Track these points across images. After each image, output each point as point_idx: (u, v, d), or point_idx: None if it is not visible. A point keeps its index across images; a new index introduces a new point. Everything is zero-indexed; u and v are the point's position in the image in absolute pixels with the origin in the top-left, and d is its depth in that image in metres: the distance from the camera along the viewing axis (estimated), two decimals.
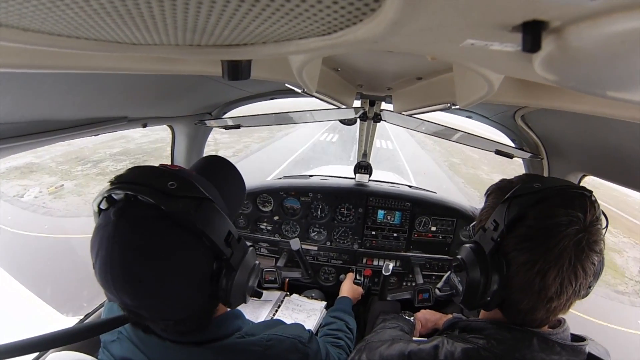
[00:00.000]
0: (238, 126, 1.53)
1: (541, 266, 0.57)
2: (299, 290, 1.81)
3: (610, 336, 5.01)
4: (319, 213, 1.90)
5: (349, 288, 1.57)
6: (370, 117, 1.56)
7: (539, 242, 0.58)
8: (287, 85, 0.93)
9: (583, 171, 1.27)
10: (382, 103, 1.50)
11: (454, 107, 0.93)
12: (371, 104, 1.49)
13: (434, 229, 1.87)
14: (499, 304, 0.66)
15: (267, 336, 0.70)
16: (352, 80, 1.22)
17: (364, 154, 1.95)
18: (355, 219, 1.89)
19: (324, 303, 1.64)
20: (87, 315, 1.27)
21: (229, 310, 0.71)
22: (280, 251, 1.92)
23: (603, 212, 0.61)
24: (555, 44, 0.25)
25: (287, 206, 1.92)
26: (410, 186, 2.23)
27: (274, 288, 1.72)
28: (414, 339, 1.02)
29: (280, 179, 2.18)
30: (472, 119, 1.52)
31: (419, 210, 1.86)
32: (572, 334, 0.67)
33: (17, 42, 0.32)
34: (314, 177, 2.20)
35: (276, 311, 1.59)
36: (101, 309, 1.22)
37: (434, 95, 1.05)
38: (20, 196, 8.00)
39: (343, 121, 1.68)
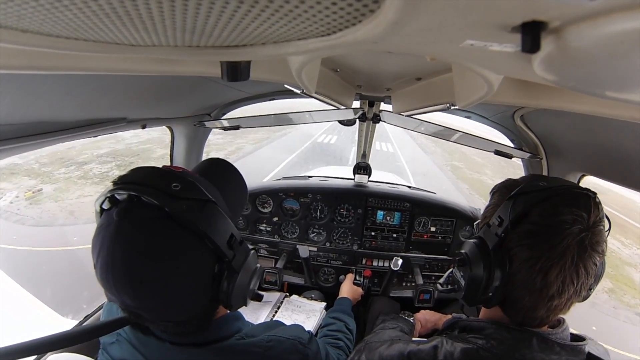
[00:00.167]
0: (237, 127, 1.53)
1: (544, 263, 0.58)
2: (299, 291, 1.81)
3: None
4: (318, 214, 1.90)
5: (348, 289, 1.57)
6: (369, 117, 1.56)
7: (542, 239, 0.58)
8: (286, 86, 0.93)
9: (582, 171, 1.27)
10: (382, 104, 1.50)
11: (453, 108, 0.93)
12: (370, 104, 1.49)
13: (433, 229, 1.87)
14: (500, 300, 0.66)
15: (267, 337, 0.70)
16: (351, 81, 1.22)
17: (363, 154, 1.95)
18: (355, 219, 1.88)
19: (323, 304, 1.63)
20: (86, 317, 1.27)
21: (229, 312, 0.71)
22: (279, 252, 1.91)
23: (606, 215, 0.61)
24: (555, 44, 0.25)
25: (287, 207, 1.92)
26: (410, 187, 2.23)
27: (273, 289, 1.72)
28: (413, 339, 1.01)
29: (279, 179, 2.18)
30: (471, 119, 1.52)
31: (418, 210, 1.86)
32: (571, 333, 0.67)
33: (16, 43, 0.32)
34: (313, 178, 2.20)
35: (276, 312, 1.58)
36: (101, 311, 1.22)
37: (433, 96, 1.05)
38: None
39: (342, 122, 1.68)
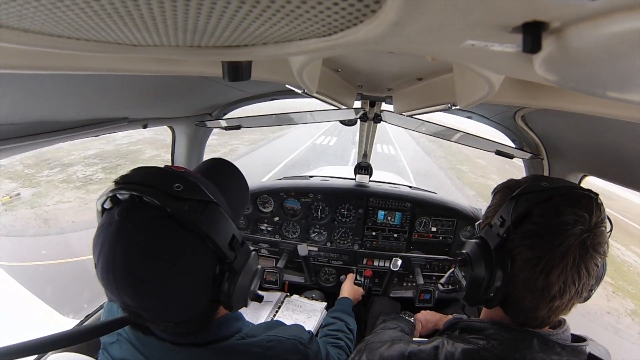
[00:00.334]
0: (238, 127, 1.53)
1: (545, 264, 0.58)
2: (300, 291, 1.81)
3: None
4: (319, 214, 1.90)
5: (349, 289, 1.57)
6: (370, 117, 1.56)
7: (544, 239, 0.58)
8: (287, 86, 0.93)
9: (583, 171, 1.27)
10: (383, 104, 1.50)
11: (454, 108, 0.93)
12: (371, 104, 1.49)
13: (434, 229, 1.87)
14: (501, 301, 0.66)
15: (268, 337, 0.70)
16: (353, 81, 1.22)
17: (364, 154, 1.95)
18: (356, 219, 1.88)
19: (324, 304, 1.63)
20: (87, 317, 1.27)
21: (229, 312, 0.71)
22: (280, 252, 1.92)
23: (608, 216, 0.61)
24: (556, 44, 0.25)
25: (288, 207, 1.92)
26: (411, 187, 2.23)
27: (274, 289, 1.72)
28: (414, 339, 1.01)
29: (280, 179, 2.18)
30: (472, 119, 1.52)
31: (419, 210, 1.86)
32: (572, 334, 0.67)
33: (17, 43, 0.32)
34: (314, 177, 2.20)
35: (276, 312, 1.58)
36: (101, 310, 1.22)
37: (434, 96, 1.05)
38: None
39: (343, 122, 1.69)
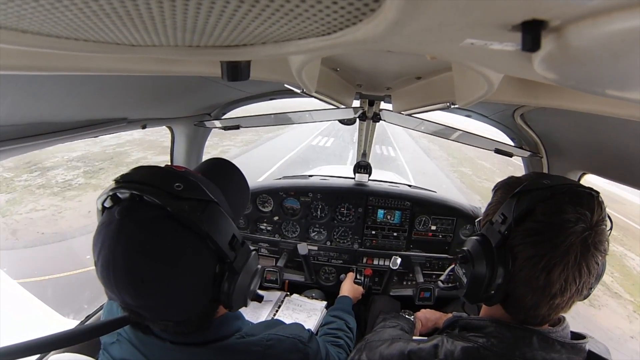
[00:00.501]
0: (237, 127, 1.53)
1: (547, 261, 0.58)
2: (299, 290, 1.81)
3: None
4: (318, 213, 1.90)
5: (349, 287, 1.57)
6: (369, 116, 1.56)
7: (546, 237, 0.58)
8: (286, 85, 0.93)
9: (582, 169, 1.27)
10: (382, 102, 1.50)
11: (453, 107, 0.93)
12: (370, 103, 1.49)
13: (434, 228, 1.87)
14: (502, 298, 0.66)
15: (267, 336, 0.70)
16: (352, 80, 1.22)
17: (363, 153, 1.95)
18: (355, 218, 1.89)
19: (324, 303, 1.63)
20: (87, 317, 1.27)
21: (229, 311, 0.71)
22: (280, 251, 1.92)
23: (608, 215, 0.61)
24: (555, 43, 0.25)
25: (287, 206, 1.92)
26: (410, 185, 2.23)
27: (274, 288, 1.72)
28: (414, 338, 1.02)
29: (279, 179, 2.18)
30: (471, 117, 1.52)
31: (418, 209, 1.86)
32: (572, 331, 0.67)
33: (16, 44, 0.32)
34: (313, 177, 2.20)
35: (276, 311, 1.58)
36: (101, 311, 1.22)
37: (433, 95, 1.05)
38: None
39: (342, 121, 1.68)
